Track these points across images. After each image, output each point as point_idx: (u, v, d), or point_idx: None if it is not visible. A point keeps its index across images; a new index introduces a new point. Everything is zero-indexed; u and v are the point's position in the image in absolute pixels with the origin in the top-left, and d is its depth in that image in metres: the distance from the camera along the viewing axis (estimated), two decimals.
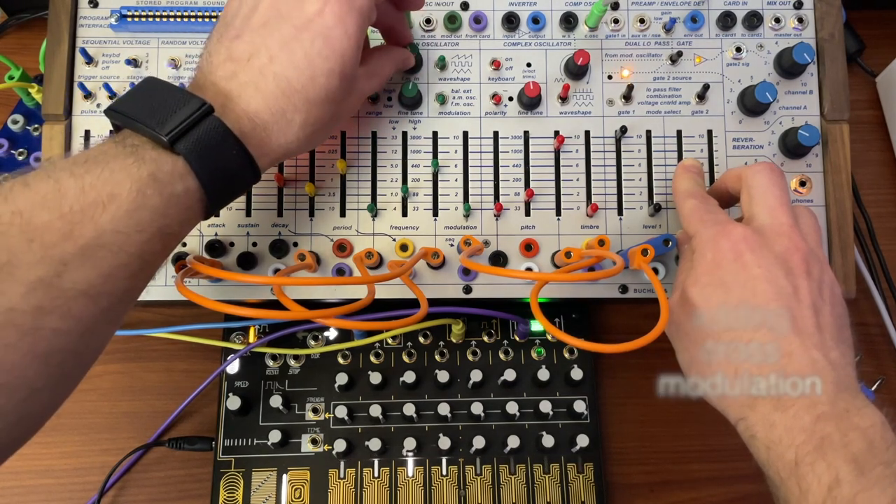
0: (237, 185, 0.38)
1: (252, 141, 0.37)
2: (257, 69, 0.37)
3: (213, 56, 0.39)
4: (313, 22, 0.38)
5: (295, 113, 0.38)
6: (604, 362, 0.58)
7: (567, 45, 0.52)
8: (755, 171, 0.43)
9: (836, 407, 0.36)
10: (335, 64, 0.38)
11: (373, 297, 0.40)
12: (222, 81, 0.37)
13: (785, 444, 0.36)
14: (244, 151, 0.36)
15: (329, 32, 0.38)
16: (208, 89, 0.37)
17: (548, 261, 0.50)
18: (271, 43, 0.38)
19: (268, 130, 0.38)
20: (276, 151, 0.39)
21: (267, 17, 0.38)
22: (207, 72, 0.38)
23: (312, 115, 0.39)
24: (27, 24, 0.64)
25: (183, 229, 0.37)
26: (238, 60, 0.38)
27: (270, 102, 0.37)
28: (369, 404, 0.53)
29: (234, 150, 0.36)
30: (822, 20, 0.53)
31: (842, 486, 0.33)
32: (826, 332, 0.39)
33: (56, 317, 0.31)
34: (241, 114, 0.37)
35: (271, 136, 0.38)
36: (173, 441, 0.54)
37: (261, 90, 0.37)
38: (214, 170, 0.36)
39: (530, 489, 0.53)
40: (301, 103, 0.38)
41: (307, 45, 0.38)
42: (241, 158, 0.37)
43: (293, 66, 0.37)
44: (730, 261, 0.40)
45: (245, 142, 0.37)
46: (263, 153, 0.38)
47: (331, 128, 0.42)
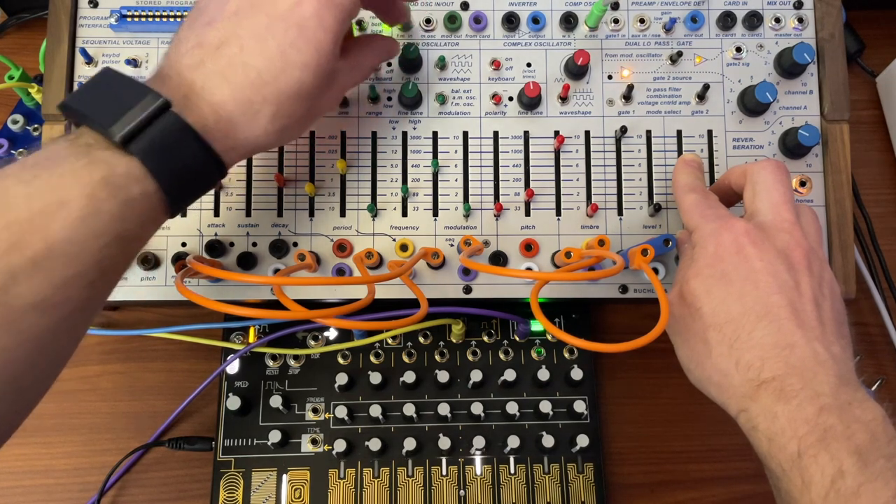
0: (201, 184, 0.37)
1: (216, 135, 0.35)
2: (226, 58, 0.36)
3: (182, 43, 0.37)
4: (290, 12, 0.36)
5: (264, 105, 0.36)
6: (604, 362, 0.58)
7: (567, 45, 0.52)
8: (761, 167, 0.43)
9: (839, 399, 0.36)
10: (310, 57, 0.37)
11: (373, 297, 0.40)
12: (188, 70, 0.36)
13: (787, 435, 0.36)
14: (206, 148, 0.35)
15: (305, 24, 0.36)
16: (172, 79, 0.36)
17: (548, 261, 0.50)
18: (243, 32, 0.36)
19: (234, 123, 0.36)
20: (244, 145, 0.37)
21: (241, 4, 0.37)
22: (174, 59, 0.37)
23: (284, 108, 0.37)
24: (27, 24, 0.64)
25: (145, 232, 0.35)
26: (207, 48, 0.36)
27: (238, 93, 0.36)
28: (369, 404, 0.53)
29: (195, 148, 0.34)
30: (822, 20, 0.53)
31: (846, 478, 0.33)
32: (827, 326, 0.39)
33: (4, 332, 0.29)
34: (205, 105, 0.35)
35: (238, 128, 0.36)
36: (173, 441, 0.54)
37: (228, 80, 0.36)
38: (174, 169, 0.34)
39: (530, 489, 0.53)
40: (271, 95, 0.36)
41: (281, 36, 0.36)
42: (202, 155, 0.35)
43: (265, 57, 0.36)
44: (731, 254, 0.40)
45: (208, 136, 0.35)
46: (230, 147, 0.36)
47: (306, 122, 0.41)
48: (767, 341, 0.38)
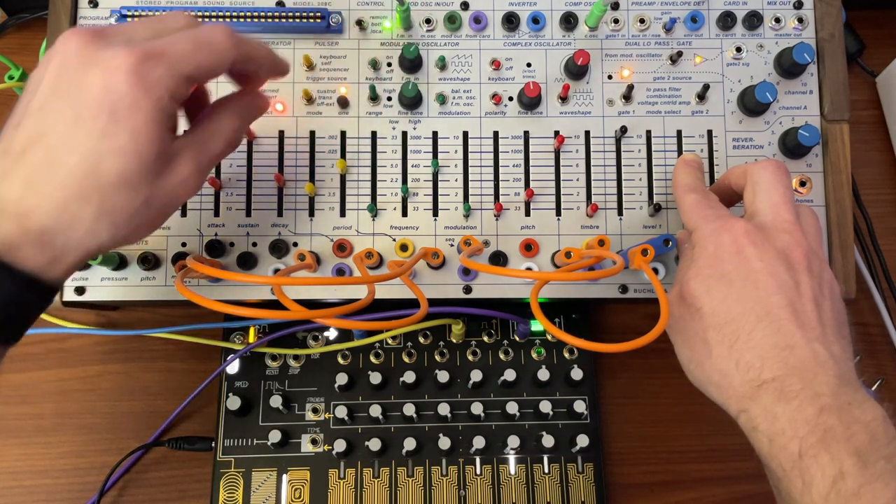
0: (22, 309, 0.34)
1: (27, 252, 0.32)
2: (32, 162, 0.33)
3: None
4: (98, 99, 0.33)
5: (83, 204, 0.33)
6: (604, 362, 0.58)
7: (567, 45, 0.52)
8: (761, 167, 0.43)
9: (839, 400, 0.36)
10: (125, 143, 0.33)
11: (373, 297, 0.40)
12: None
13: (788, 435, 0.36)
14: (14, 274, 0.32)
15: (116, 108, 0.33)
16: None
17: (548, 261, 0.50)
18: (48, 128, 0.33)
19: (49, 232, 0.33)
20: (71, 253, 0.34)
21: (45, 97, 0.34)
22: None
23: (109, 204, 0.33)
24: (27, 24, 0.64)
25: None
26: (11, 154, 0.33)
27: (47, 198, 0.32)
28: (369, 404, 0.53)
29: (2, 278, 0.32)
30: (822, 20, 0.53)
31: (846, 480, 0.33)
32: (827, 326, 0.39)
33: None
34: (8, 222, 0.32)
35: (56, 237, 0.33)
36: (173, 441, 0.54)
37: (34, 186, 0.32)
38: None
39: (530, 489, 0.53)
40: (90, 192, 0.33)
41: (89, 125, 0.33)
42: (13, 283, 0.32)
43: (74, 151, 0.33)
44: (731, 254, 0.40)
45: (17, 256, 0.32)
46: (51, 259, 0.33)
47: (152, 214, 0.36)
48: (767, 342, 0.38)
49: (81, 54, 0.34)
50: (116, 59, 0.33)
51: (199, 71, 0.36)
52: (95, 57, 0.33)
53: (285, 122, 0.51)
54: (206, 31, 0.36)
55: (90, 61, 0.33)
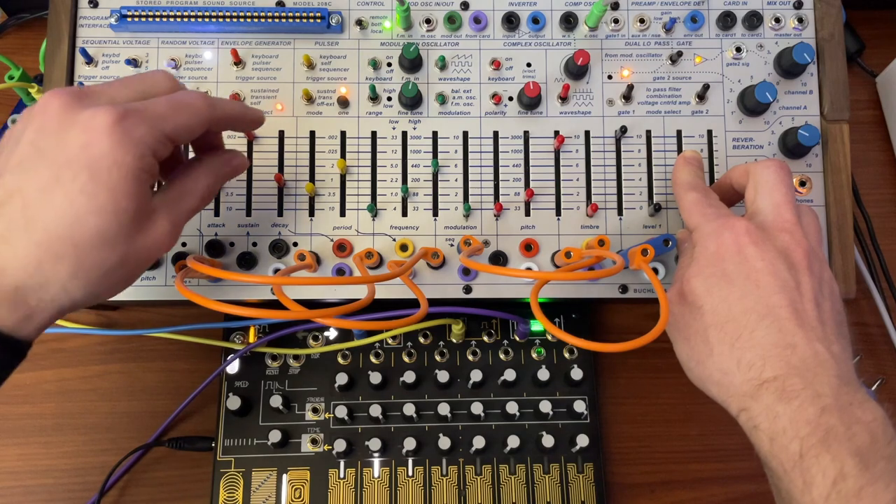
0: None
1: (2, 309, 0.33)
2: (8, 218, 0.33)
3: None
4: (77, 156, 0.33)
5: (57, 263, 0.33)
6: (604, 362, 0.58)
7: (567, 45, 0.52)
8: (764, 166, 0.43)
9: (840, 400, 0.36)
10: (105, 201, 0.33)
11: (373, 297, 0.40)
12: None
13: (789, 435, 0.36)
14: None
15: (95, 166, 0.33)
16: None
17: (548, 261, 0.50)
18: (26, 185, 0.33)
19: (23, 290, 0.33)
20: (45, 311, 0.34)
21: (24, 155, 0.34)
22: None
23: (86, 262, 0.34)
24: (27, 24, 0.64)
25: None
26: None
27: (21, 255, 0.32)
28: (369, 404, 0.53)
29: None
30: (822, 20, 0.53)
31: (847, 481, 0.33)
32: (828, 326, 0.39)
33: None
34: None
35: (29, 294, 0.33)
36: (173, 441, 0.54)
37: (10, 243, 0.32)
38: None
39: (530, 489, 0.53)
40: (65, 251, 0.33)
41: (68, 185, 0.33)
42: None
43: (51, 209, 0.33)
44: (732, 253, 0.40)
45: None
46: (25, 317, 0.33)
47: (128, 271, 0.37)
48: (769, 341, 0.38)
49: (62, 114, 0.34)
50: (97, 118, 0.33)
51: (177, 131, 0.36)
52: (76, 117, 0.34)
53: (285, 122, 0.51)
54: (184, 95, 0.37)
55: (70, 121, 0.34)
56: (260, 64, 0.51)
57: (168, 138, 0.36)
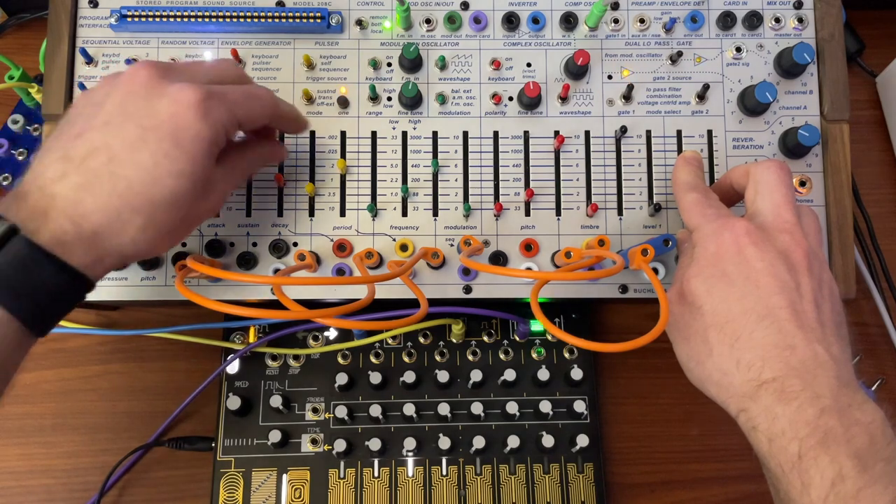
0: (62, 303, 0.36)
1: (77, 249, 0.35)
2: (92, 169, 0.35)
3: (47, 155, 0.36)
4: (164, 122, 0.36)
5: (134, 215, 0.36)
6: (604, 362, 0.58)
7: (567, 45, 0.52)
8: (764, 167, 0.43)
9: (839, 401, 0.36)
10: (184, 166, 0.36)
11: (373, 297, 0.40)
12: (50, 184, 0.35)
13: (788, 436, 0.36)
14: (62, 267, 0.34)
15: (180, 134, 0.36)
16: (32, 195, 0.35)
17: (548, 261, 0.50)
18: (114, 142, 0.36)
19: (99, 234, 0.35)
20: (111, 256, 0.36)
21: (112, 115, 0.36)
22: (37, 173, 0.36)
23: (155, 217, 0.36)
24: (27, 24, 0.64)
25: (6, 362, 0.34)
26: (72, 160, 0.35)
27: (104, 204, 0.35)
28: (369, 404, 0.53)
29: (49, 269, 0.33)
30: (822, 20, 0.53)
31: (845, 482, 0.34)
32: (827, 327, 0.39)
33: None
34: (66, 219, 0.34)
35: (104, 240, 0.35)
36: (173, 441, 0.54)
37: (93, 191, 0.35)
38: (26, 295, 0.33)
39: (530, 489, 0.53)
40: (142, 205, 0.36)
41: (154, 146, 0.36)
42: (58, 275, 0.34)
43: (136, 167, 0.35)
44: (732, 254, 0.40)
45: (66, 253, 0.34)
46: (95, 259, 0.35)
47: (182, 231, 0.40)
48: (768, 341, 0.38)
49: (151, 83, 0.37)
50: (185, 92, 0.37)
51: (247, 117, 0.40)
52: (165, 89, 0.37)
53: None
54: (256, 88, 0.42)
55: (159, 91, 0.37)
56: (260, 64, 0.51)
57: (238, 123, 0.40)
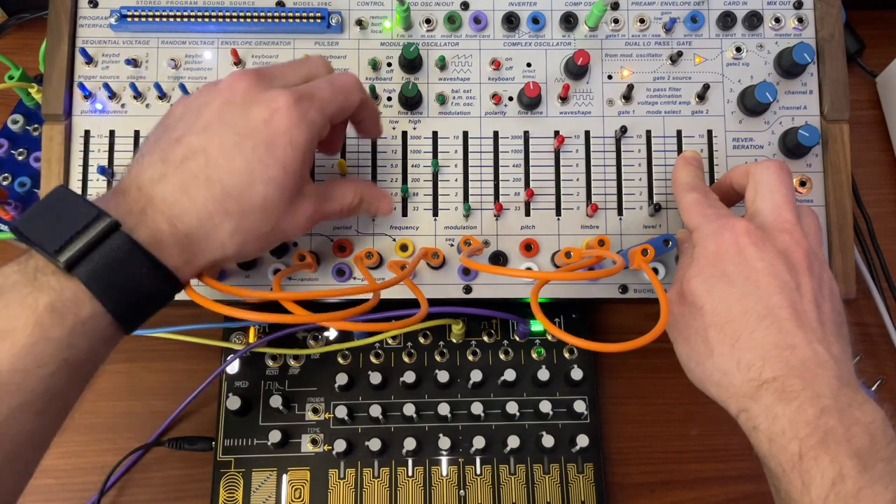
0: (154, 301, 0.36)
1: (171, 250, 0.35)
2: (190, 172, 0.36)
3: (146, 157, 0.37)
4: (260, 129, 0.37)
5: (225, 219, 0.36)
6: (604, 362, 0.58)
7: (567, 45, 0.52)
8: (764, 167, 0.43)
9: (839, 401, 0.36)
10: (276, 172, 0.37)
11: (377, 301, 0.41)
12: (149, 184, 0.36)
13: (788, 436, 0.36)
14: (157, 266, 0.34)
15: (274, 141, 0.37)
16: (131, 193, 0.35)
17: (548, 261, 0.50)
18: (210, 146, 0.36)
19: (192, 237, 0.36)
20: (202, 259, 0.37)
21: (210, 121, 0.37)
22: (136, 174, 0.36)
23: (245, 223, 0.37)
24: (27, 24, 0.64)
25: (96, 356, 0.35)
26: (170, 162, 0.36)
27: (199, 206, 0.36)
28: (369, 404, 0.53)
29: (145, 267, 0.34)
30: (822, 20, 0.53)
31: (846, 482, 0.34)
32: (827, 326, 0.39)
33: None
34: (163, 219, 0.35)
35: (196, 243, 0.36)
36: (173, 441, 0.54)
37: (189, 193, 0.36)
38: (121, 291, 0.33)
39: (530, 489, 0.53)
40: (234, 210, 0.36)
41: (248, 152, 0.36)
42: (153, 274, 0.34)
43: (230, 171, 0.36)
44: (732, 254, 0.40)
45: (161, 252, 0.35)
46: (186, 262, 0.36)
47: (268, 242, 0.40)
48: (768, 341, 0.38)
49: (248, 91, 0.38)
50: (279, 99, 0.37)
51: (338, 113, 0.41)
52: (259, 96, 0.38)
53: None
54: (342, 77, 0.41)
55: (255, 99, 0.37)
56: (260, 64, 0.51)
57: (329, 120, 0.40)
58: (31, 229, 0.34)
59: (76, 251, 0.32)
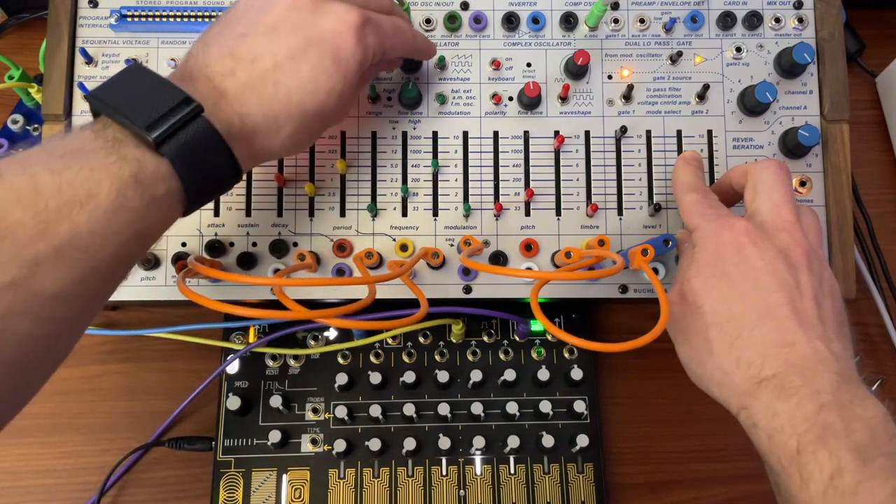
0: (219, 188, 0.38)
1: (238, 143, 0.37)
2: (259, 72, 0.37)
3: (212, 48, 0.38)
4: (326, 39, 0.38)
5: (288, 121, 0.38)
6: (604, 362, 0.58)
7: (567, 45, 0.52)
8: (763, 166, 0.43)
9: (839, 397, 0.36)
10: (338, 83, 0.38)
11: (373, 298, 0.40)
12: (218, 77, 0.37)
13: (787, 432, 0.36)
14: (230, 155, 0.36)
15: (339, 53, 0.38)
16: (201, 82, 0.36)
17: (548, 261, 0.50)
18: (279, 50, 0.37)
19: (256, 134, 0.37)
20: (260, 154, 0.39)
21: (278, 23, 0.38)
22: (203, 63, 0.37)
23: (304, 126, 0.39)
24: (27, 24, 0.64)
25: (160, 230, 0.36)
26: (240, 59, 0.37)
27: (266, 108, 0.37)
28: (369, 404, 0.53)
29: (221, 153, 0.36)
30: (822, 20, 0.53)
31: (844, 476, 0.34)
32: (828, 324, 0.39)
33: (26, 321, 0.29)
34: (233, 114, 0.36)
35: (258, 139, 0.38)
36: (173, 441, 0.54)
37: (258, 94, 0.37)
38: (198, 173, 0.35)
39: (530, 489, 0.53)
40: (296, 113, 0.38)
41: (315, 60, 0.38)
42: (225, 161, 0.36)
43: (297, 78, 0.37)
44: (732, 253, 0.40)
45: (231, 143, 0.36)
46: (248, 155, 0.38)
47: (315, 139, 0.43)
48: (768, 339, 0.38)
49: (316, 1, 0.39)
50: (350, 14, 0.39)
51: (392, 49, 0.43)
52: (329, 6, 0.39)
53: None
54: (401, 21, 0.44)
55: (324, 9, 0.39)
56: None
57: (384, 52, 0.42)
58: (119, 101, 0.34)
59: (165, 129, 0.33)
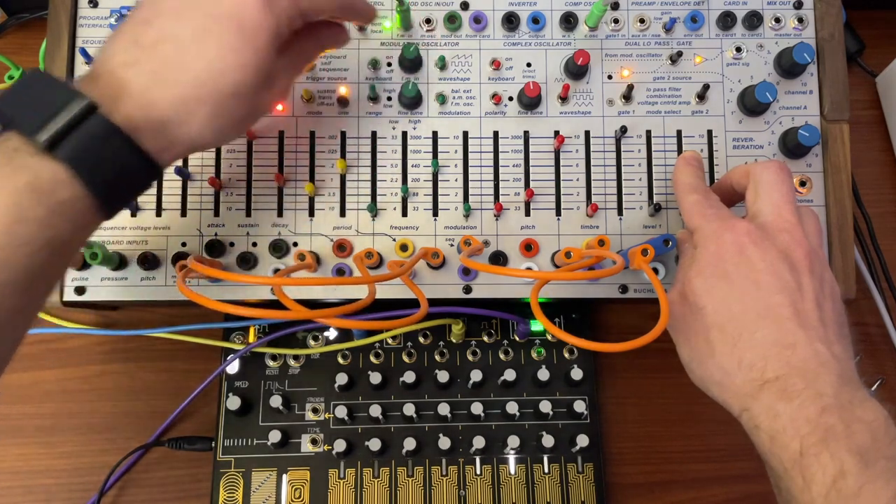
0: (134, 185, 0.36)
1: (147, 134, 0.35)
2: (162, 57, 0.35)
3: (118, 40, 0.36)
4: (230, 13, 0.36)
5: (199, 105, 0.36)
6: (604, 362, 0.58)
7: (567, 45, 0.52)
8: (763, 167, 0.43)
9: (841, 399, 0.36)
10: (248, 58, 0.36)
11: (373, 297, 0.40)
12: (121, 68, 0.35)
13: (789, 434, 0.36)
14: (135, 149, 0.34)
15: (245, 25, 0.36)
16: (103, 77, 0.35)
17: (548, 261, 0.50)
18: (181, 31, 0.36)
19: (167, 123, 0.35)
20: (179, 145, 0.37)
21: (181, 4, 0.36)
22: (108, 57, 0.36)
23: (221, 108, 0.37)
24: (27, 24, 0.64)
25: (77, 236, 0.35)
26: (143, 47, 0.35)
27: (172, 93, 0.35)
28: (369, 404, 0.53)
29: (124, 150, 0.34)
30: (822, 20, 0.53)
31: (847, 478, 0.34)
32: (829, 326, 0.39)
33: None
34: (136, 106, 0.35)
35: (171, 128, 0.36)
36: (173, 441, 0.54)
37: (163, 79, 0.35)
38: (103, 173, 0.33)
39: (530, 489, 0.53)
40: (208, 96, 0.36)
41: (220, 37, 0.36)
42: (132, 157, 0.34)
43: (202, 57, 0.36)
44: (733, 254, 0.40)
45: (139, 136, 0.34)
46: (164, 147, 0.36)
47: (246, 122, 0.41)
48: (769, 341, 0.38)
49: None
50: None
51: (311, 9, 0.40)
52: None
53: (285, 122, 0.51)
54: None
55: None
56: None
57: (302, 13, 0.39)
58: (10, 108, 0.33)
59: (55, 132, 0.32)
